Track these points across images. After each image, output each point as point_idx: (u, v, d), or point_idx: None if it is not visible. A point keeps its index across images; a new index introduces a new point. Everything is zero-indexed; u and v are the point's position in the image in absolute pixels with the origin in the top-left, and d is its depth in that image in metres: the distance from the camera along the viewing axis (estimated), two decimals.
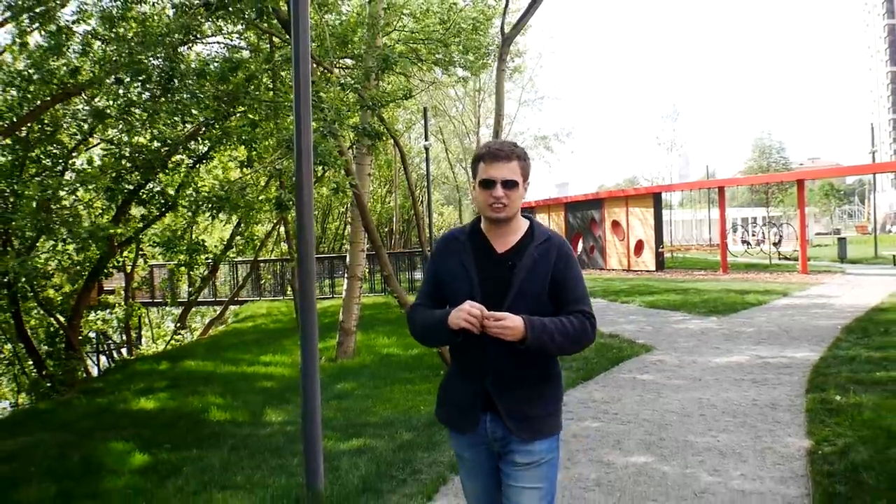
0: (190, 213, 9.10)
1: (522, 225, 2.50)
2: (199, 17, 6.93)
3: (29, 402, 15.22)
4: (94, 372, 18.35)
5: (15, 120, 12.66)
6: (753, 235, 34.95)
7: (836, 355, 7.67)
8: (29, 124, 12.92)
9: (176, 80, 6.71)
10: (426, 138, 19.21)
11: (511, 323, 2.21)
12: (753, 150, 36.55)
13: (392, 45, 9.93)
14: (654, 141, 44.88)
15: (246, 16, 6.52)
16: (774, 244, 25.07)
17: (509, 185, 2.38)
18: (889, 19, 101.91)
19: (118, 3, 7.44)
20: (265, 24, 7.12)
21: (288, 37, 7.38)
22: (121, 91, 7.69)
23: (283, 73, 8.35)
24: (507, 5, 9.95)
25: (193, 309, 24.52)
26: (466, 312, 2.22)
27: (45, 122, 13.09)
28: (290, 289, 22.80)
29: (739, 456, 4.68)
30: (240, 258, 23.75)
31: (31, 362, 17.47)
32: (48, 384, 13.89)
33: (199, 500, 4.74)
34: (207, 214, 7.86)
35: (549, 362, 2.47)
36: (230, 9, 6.34)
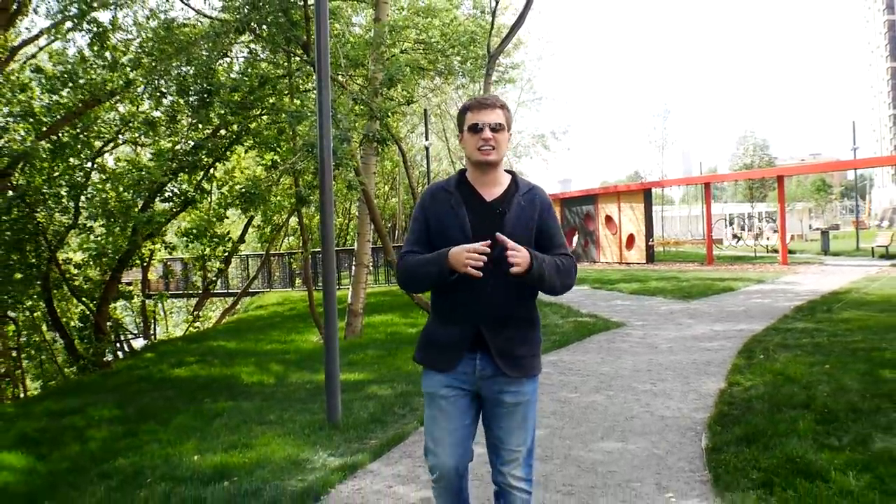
0: (221, 208, 10.32)
1: (506, 178, 2.68)
2: (230, 37, 8.15)
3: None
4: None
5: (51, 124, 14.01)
6: (744, 230, 36.14)
7: (777, 328, 8.91)
8: (65, 127, 14.27)
9: (213, 95, 7.97)
10: (426, 138, 20.48)
11: (524, 251, 2.42)
12: (738, 147, 37.84)
13: (396, 55, 11.13)
14: (648, 139, 46.13)
15: (276, 40, 7.77)
16: (755, 237, 26.22)
17: (496, 128, 2.56)
18: (889, 15, 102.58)
19: (162, 25, 8.64)
20: (289, 47, 8.36)
21: (305, 55, 8.66)
22: (165, 101, 8.94)
23: (300, 84, 9.61)
24: (492, 27, 11.15)
25: (203, 301, 25.86)
26: (471, 251, 2.39)
27: (77, 126, 14.44)
28: (298, 280, 24.14)
29: (668, 396, 5.93)
30: (250, 251, 25.05)
31: (57, 347, 18.81)
32: (83, 363, 15.15)
33: (241, 430, 5.99)
34: (239, 208, 9.12)
35: (531, 306, 2.67)
36: (263, 35, 7.60)
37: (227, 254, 19.08)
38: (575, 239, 27.52)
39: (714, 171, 79.74)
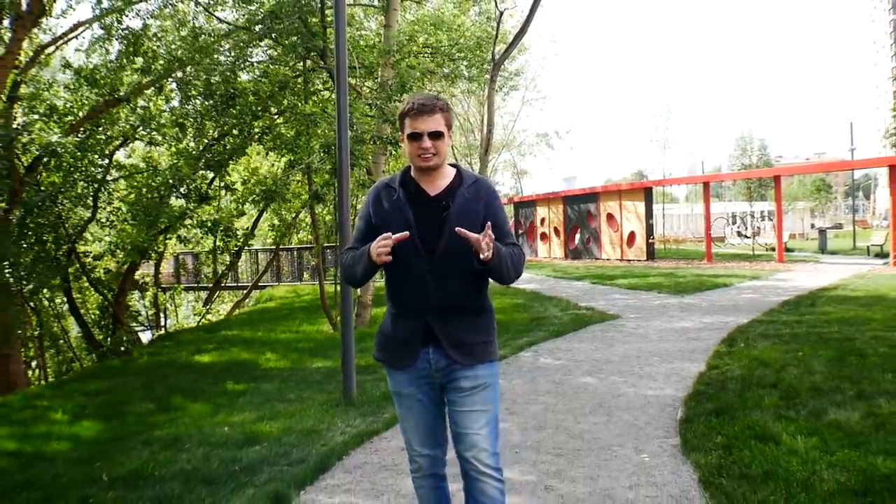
0: (241, 204, 10.95)
1: (450, 171, 2.70)
2: (252, 45, 8.75)
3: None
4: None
5: (75, 121, 14.63)
6: (748, 228, 36.66)
7: (762, 320, 9.49)
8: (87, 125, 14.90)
9: (236, 99, 8.60)
10: None
11: (490, 240, 2.42)
12: (736, 147, 38.48)
13: (407, 59, 11.70)
14: (649, 138, 46.76)
15: (296, 49, 8.36)
16: (754, 235, 26.77)
17: (435, 135, 2.57)
18: (894, 14, 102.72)
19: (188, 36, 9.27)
20: (309, 54, 8.96)
21: (322, 61, 9.25)
22: (192, 105, 9.56)
23: (313, 87, 10.21)
24: (496, 35, 11.74)
25: (214, 293, 26.54)
26: (379, 241, 2.44)
27: (99, 124, 15.08)
28: (306, 274, 24.78)
29: (653, 378, 6.52)
30: (259, 246, 25.70)
31: (72, 336, 19.49)
32: (103, 350, 15.80)
33: (265, 407, 6.59)
34: (260, 204, 9.75)
35: (480, 296, 2.69)
36: (283, 42, 8.21)
37: (237, 248, 19.72)
38: (577, 236, 28.07)
39: (718, 170, 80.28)
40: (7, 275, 11.25)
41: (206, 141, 11.64)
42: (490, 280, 2.69)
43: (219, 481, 4.35)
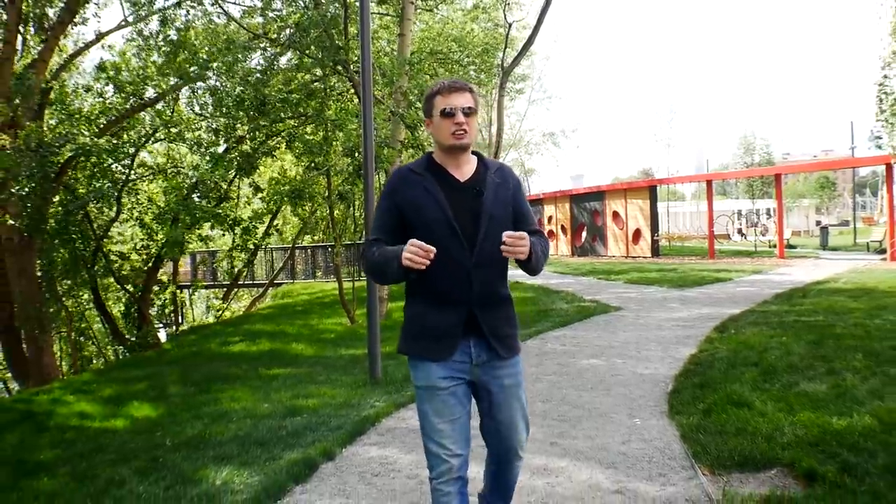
0: (272, 203, 11.71)
1: (473, 158, 2.65)
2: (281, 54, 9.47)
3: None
4: None
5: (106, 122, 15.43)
6: (751, 225, 37.23)
7: (754, 310, 10.15)
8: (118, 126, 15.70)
9: (267, 106, 9.36)
10: None
11: (528, 240, 2.40)
12: (739, 146, 39.16)
13: (422, 67, 12.38)
14: (654, 137, 47.49)
15: (323, 62, 9.11)
16: (762, 232, 27.39)
17: (469, 112, 2.51)
18: None
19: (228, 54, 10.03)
20: (335, 66, 9.70)
21: (345, 72, 9.97)
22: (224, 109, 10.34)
23: (336, 93, 10.97)
24: (506, 44, 12.43)
25: (231, 290, 27.38)
26: (413, 251, 2.32)
27: (125, 126, 15.89)
28: (318, 272, 25.55)
29: (649, 360, 7.20)
30: (276, 245, 26.51)
31: (97, 330, 20.32)
32: (132, 343, 16.58)
33: (298, 388, 7.31)
34: (288, 204, 10.49)
35: (506, 287, 2.67)
36: (310, 55, 8.97)
37: (255, 246, 20.50)
38: (584, 234, 28.73)
39: (726, 167, 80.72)
40: (47, 270, 12.00)
41: (237, 144, 12.43)
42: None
43: (269, 443, 5.07)
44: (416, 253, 2.32)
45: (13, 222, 12.75)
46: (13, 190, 11.62)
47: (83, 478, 4.77)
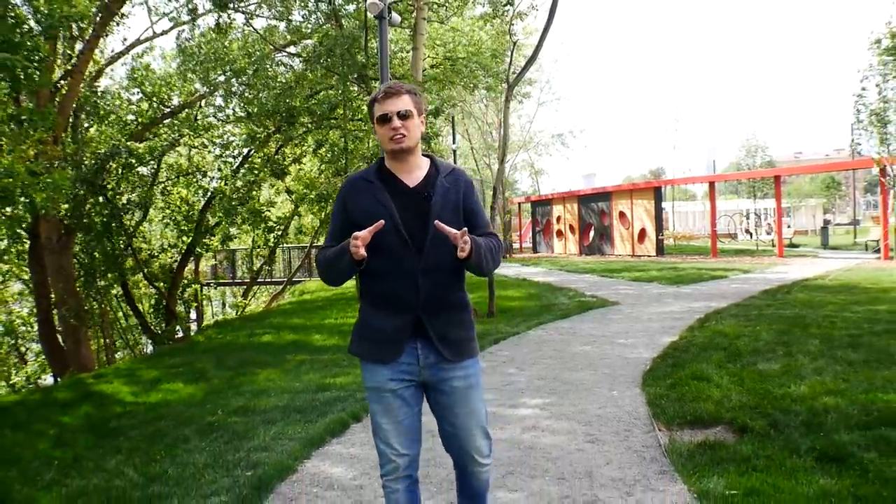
0: (299, 205, 12.77)
1: (425, 162, 2.66)
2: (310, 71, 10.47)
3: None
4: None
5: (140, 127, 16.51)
6: (758, 225, 38.00)
7: (739, 304, 11.05)
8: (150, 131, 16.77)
9: (296, 117, 10.38)
10: (454, 141, 22.81)
11: (468, 238, 2.39)
12: (740, 149, 40.10)
13: (429, 69, 13.31)
14: (661, 139, 48.36)
15: (348, 78, 10.13)
16: (768, 232, 28.14)
17: (404, 115, 2.52)
18: None
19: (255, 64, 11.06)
20: (359, 82, 10.68)
21: (365, 86, 10.97)
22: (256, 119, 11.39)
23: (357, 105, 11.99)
24: (512, 54, 13.28)
25: (250, 288, 28.50)
26: (358, 235, 2.36)
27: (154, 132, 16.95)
28: None
29: (635, 346, 8.13)
30: (293, 244, 27.59)
31: (125, 325, 21.44)
32: (162, 336, 17.65)
33: (325, 370, 8.28)
34: (316, 206, 11.50)
35: (461, 290, 2.67)
36: (337, 72, 10.01)
37: (274, 245, 21.56)
38: (591, 234, 29.62)
39: (737, 167, 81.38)
40: (88, 268, 13.05)
41: (262, 147, 13.53)
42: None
43: (306, 410, 6.05)
44: (358, 236, 2.38)
45: (60, 219, 13.81)
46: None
47: (153, 437, 5.77)
